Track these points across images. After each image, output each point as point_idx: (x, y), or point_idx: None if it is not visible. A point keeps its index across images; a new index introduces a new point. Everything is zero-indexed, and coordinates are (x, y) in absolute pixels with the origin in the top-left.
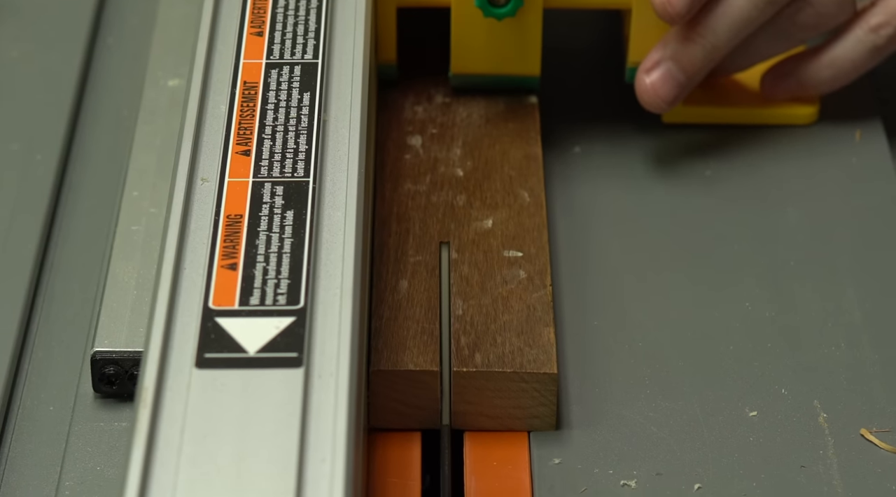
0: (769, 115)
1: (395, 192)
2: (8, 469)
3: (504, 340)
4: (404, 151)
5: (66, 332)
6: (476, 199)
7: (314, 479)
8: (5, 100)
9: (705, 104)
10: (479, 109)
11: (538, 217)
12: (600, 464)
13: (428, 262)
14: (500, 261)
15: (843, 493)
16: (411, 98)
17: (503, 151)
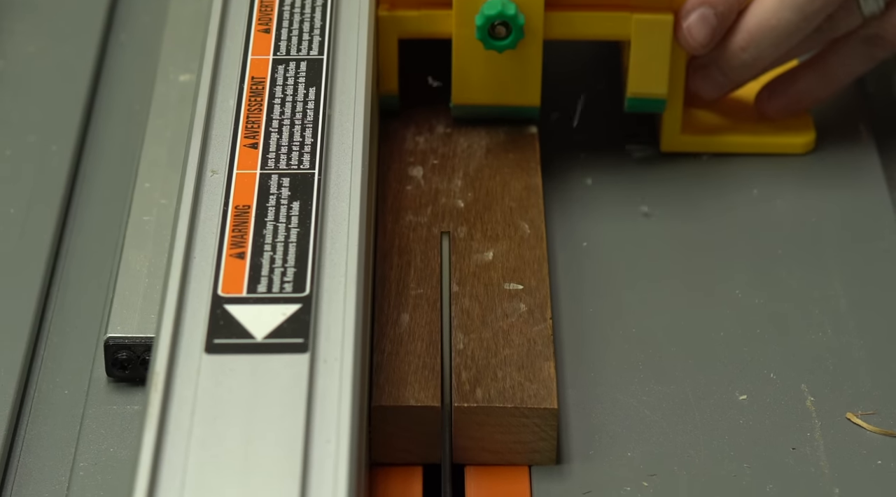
0: (766, 144)
1: (397, 223)
2: (24, 450)
3: (505, 375)
4: (406, 183)
5: (80, 318)
6: (477, 230)
7: (320, 459)
8: (22, 93)
9: (703, 133)
10: (480, 140)
11: (538, 249)
12: None
13: (429, 296)
14: (501, 293)
15: (830, 473)
16: (412, 129)
17: (504, 182)
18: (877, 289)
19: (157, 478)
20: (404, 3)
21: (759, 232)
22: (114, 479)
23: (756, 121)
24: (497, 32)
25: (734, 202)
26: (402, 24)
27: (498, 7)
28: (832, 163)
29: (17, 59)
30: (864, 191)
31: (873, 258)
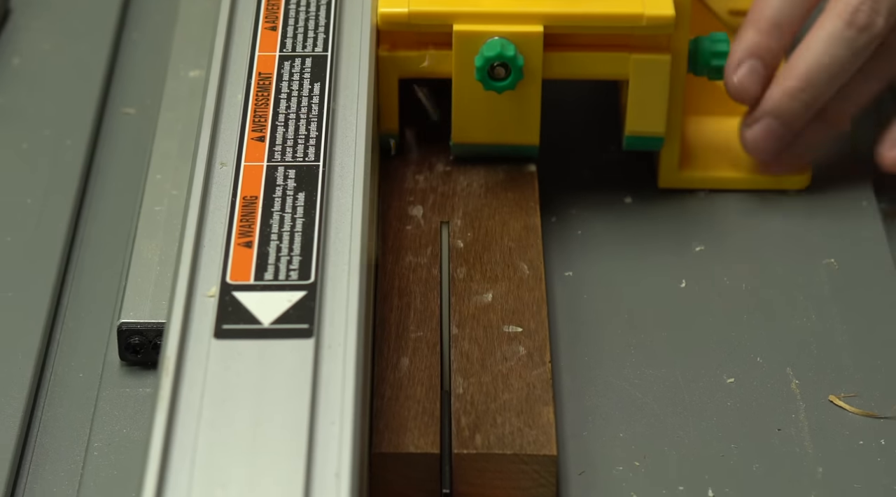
0: (763, 180)
1: (397, 264)
2: (41, 431)
3: (504, 421)
4: (406, 222)
5: (94, 304)
6: (476, 271)
7: (324, 439)
8: (38, 89)
9: (700, 170)
10: (479, 178)
11: (537, 291)
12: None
13: (429, 339)
14: (500, 336)
15: (814, 453)
16: (412, 167)
17: (503, 222)
18: (859, 276)
19: (168, 457)
20: (404, 43)
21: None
22: (127, 459)
23: (755, 159)
24: (496, 73)
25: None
26: (403, 65)
27: (497, 48)
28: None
29: (33, 56)
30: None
31: (857, 247)
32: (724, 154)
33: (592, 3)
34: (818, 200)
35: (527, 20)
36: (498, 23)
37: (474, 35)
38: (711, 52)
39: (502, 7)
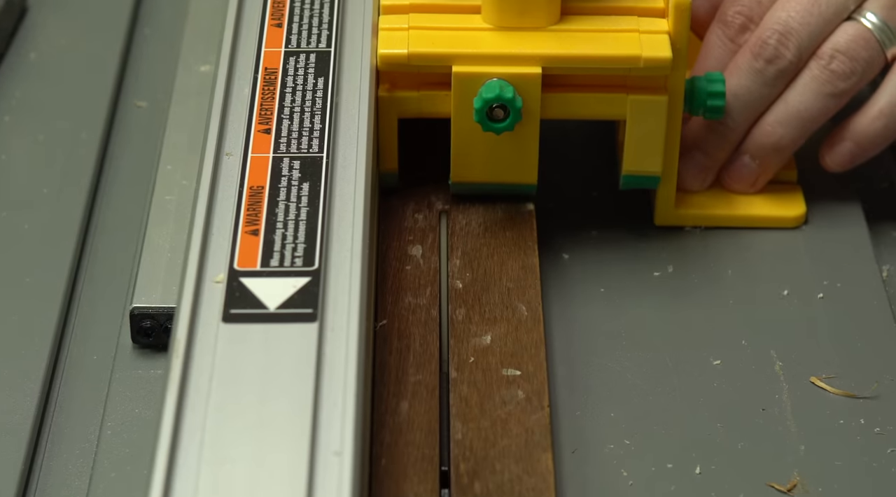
0: (758, 218)
1: (396, 305)
2: (57, 411)
3: (503, 467)
4: (405, 262)
5: (107, 289)
6: (475, 312)
7: (328, 420)
8: (54, 83)
9: (696, 208)
10: (478, 216)
11: (535, 332)
12: None
13: (428, 382)
14: (499, 380)
15: (797, 431)
16: (412, 205)
17: (501, 262)
18: (842, 265)
19: (178, 436)
20: (404, 84)
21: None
22: (139, 437)
23: (748, 195)
24: (495, 115)
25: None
26: (402, 105)
27: (496, 90)
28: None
29: (50, 51)
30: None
31: (840, 237)
32: (719, 192)
33: (590, 45)
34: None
35: (525, 62)
36: (496, 64)
37: (473, 76)
38: (708, 92)
39: (501, 49)
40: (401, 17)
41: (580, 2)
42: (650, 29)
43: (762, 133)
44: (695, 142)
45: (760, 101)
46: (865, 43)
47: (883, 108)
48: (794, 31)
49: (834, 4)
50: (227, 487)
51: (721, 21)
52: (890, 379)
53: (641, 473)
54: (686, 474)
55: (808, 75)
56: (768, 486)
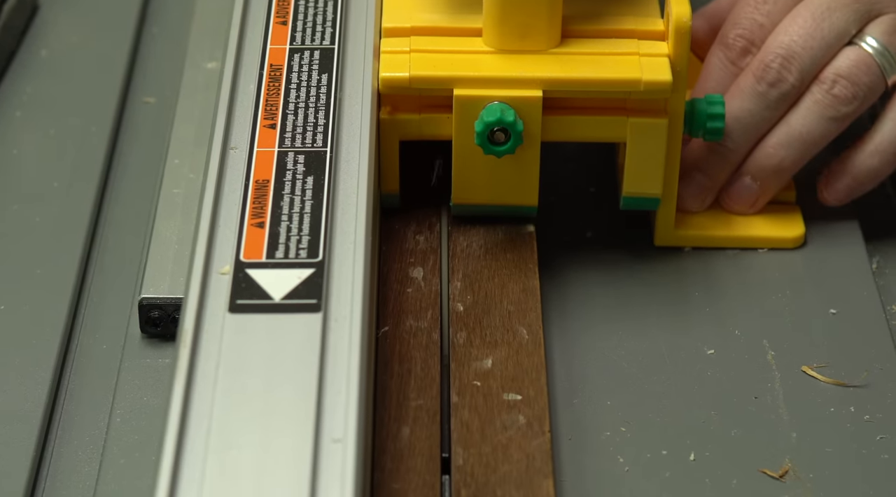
0: (757, 239)
1: (398, 328)
2: (67, 399)
3: (504, 494)
4: (406, 285)
5: (117, 280)
6: (476, 336)
7: (332, 406)
8: (65, 79)
9: (696, 229)
10: (479, 238)
11: (536, 356)
12: None
13: (429, 407)
14: (500, 404)
15: (788, 419)
16: (413, 226)
17: (502, 284)
18: (829, 256)
19: (186, 423)
20: (405, 106)
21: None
22: (147, 425)
23: (747, 216)
24: (496, 138)
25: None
26: (404, 127)
27: (497, 114)
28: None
29: (61, 48)
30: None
31: (826, 229)
32: (718, 213)
33: (591, 68)
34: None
35: (526, 85)
36: (498, 87)
37: (474, 99)
38: (707, 114)
39: (502, 72)
40: (402, 41)
41: (580, 25)
42: (650, 52)
43: (764, 155)
44: (695, 163)
45: (762, 123)
46: (867, 68)
47: (879, 145)
48: (796, 55)
49: (836, 29)
50: (234, 472)
51: (722, 44)
52: (879, 368)
53: (637, 460)
54: (681, 461)
55: (810, 99)
56: (761, 472)
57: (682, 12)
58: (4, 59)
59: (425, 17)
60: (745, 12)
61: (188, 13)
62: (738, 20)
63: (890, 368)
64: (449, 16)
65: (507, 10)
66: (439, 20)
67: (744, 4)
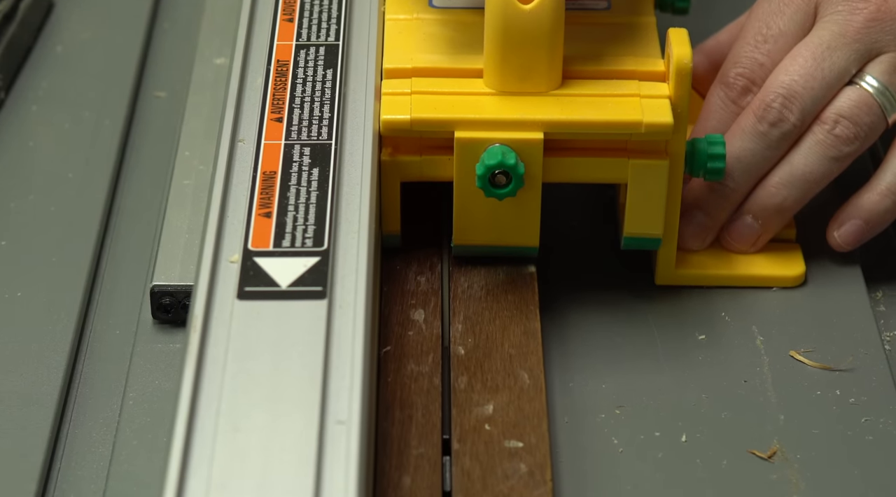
0: (758, 278)
1: (399, 373)
2: (82, 383)
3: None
4: (408, 327)
5: (129, 268)
6: (477, 380)
7: (336, 390)
8: (78, 74)
9: (696, 268)
10: (480, 279)
11: (538, 402)
12: None
13: (430, 455)
14: (501, 452)
15: (777, 402)
16: (414, 267)
17: (503, 327)
18: (817, 250)
19: (196, 406)
20: (406, 148)
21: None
22: (159, 407)
23: (748, 254)
24: (497, 181)
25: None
26: (405, 169)
27: (498, 157)
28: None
29: (74, 44)
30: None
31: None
32: (718, 252)
33: (592, 110)
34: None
35: (527, 127)
36: (498, 130)
37: (475, 142)
38: (708, 154)
39: (503, 114)
40: (403, 82)
41: (581, 66)
42: (651, 93)
43: (766, 194)
44: (695, 202)
45: (763, 163)
46: (868, 108)
47: (890, 185)
48: (797, 94)
49: (837, 69)
50: (242, 453)
51: (723, 82)
52: (864, 353)
53: (631, 441)
54: (673, 442)
55: (812, 139)
56: (750, 453)
57: (683, 54)
58: (21, 55)
59: (426, 58)
60: (746, 51)
61: (198, 10)
62: (738, 59)
63: (874, 353)
64: (450, 56)
65: (507, 53)
66: (440, 61)
67: (744, 43)
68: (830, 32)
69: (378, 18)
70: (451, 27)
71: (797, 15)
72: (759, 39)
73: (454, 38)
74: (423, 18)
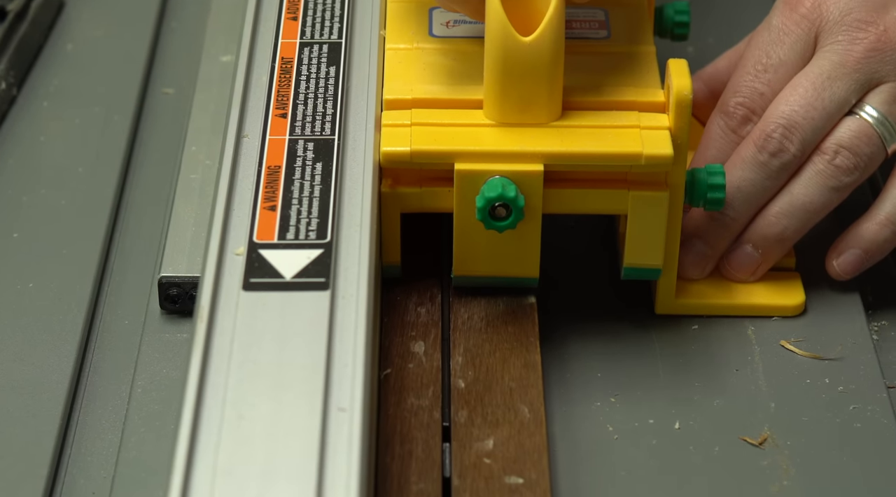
0: (758, 307)
1: (399, 407)
2: (92, 371)
3: None
4: (408, 360)
5: (138, 260)
6: (477, 414)
7: (339, 378)
8: (89, 71)
9: (696, 297)
10: (480, 310)
11: (538, 436)
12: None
13: (430, 492)
14: (502, 488)
15: (767, 390)
16: (414, 298)
17: (503, 359)
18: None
19: (203, 394)
20: (406, 179)
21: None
22: (167, 395)
23: (747, 283)
24: (497, 213)
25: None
26: (405, 200)
27: (498, 189)
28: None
29: (85, 42)
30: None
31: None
32: (718, 281)
33: (592, 142)
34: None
35: (527, 159)
36: (499, 162)
37: (475, 174)
38: (708, 184)
39: (503, 146)
40: (403, 113)
41: (581, 96)
42: (651, 125)
43: (766, 224)
44: (695, 231)
45: (763, 193)
46: (868, 139)
47: (890, 215)
48: (797, 125)
49: (837, 99)
50: (247, 439)
51: (723, 112)
52: (852, 342)
53: (625, 428)
54: (666, 429)
55: (812, 169)
56: (741, 439)
57: (683, 85)
58: (32, 53)
59: (426, 89)
60: (746, 80)
61: (205, 9)
62: (738, 88)
63: (862, 342)
64: (450, 87)
65: (507, 85)
66: (440, 92)
67: (744, 72)
68: (830, 62)
69: (380, 15)
70: (451, 57)
71: (797, 44)
72: (759, 69)
73: (454, 68)
74: (423, 48)
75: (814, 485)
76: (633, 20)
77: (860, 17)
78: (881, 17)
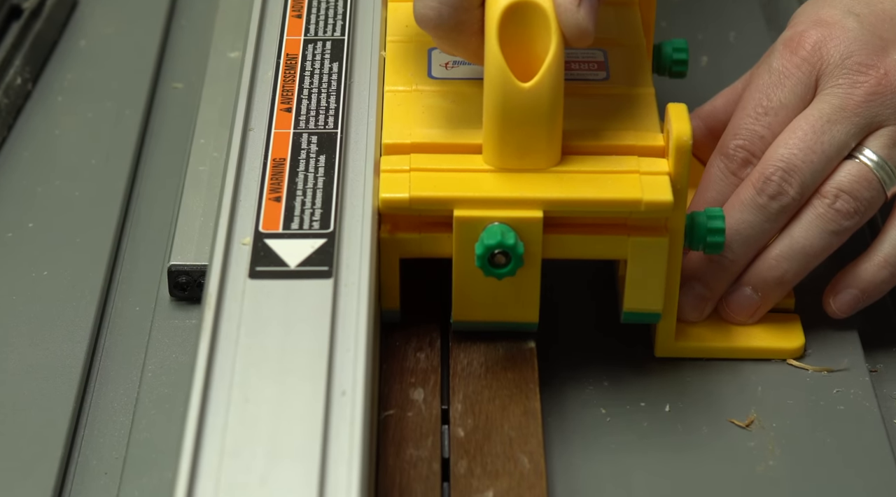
0: (757, 350)
1: (398, 457)
2: (104, 356)
3: None
4: (407, 408)
5: (148, 249)
6: (477, 465)
7: (341, 363)
8: (101, 67)
9: (696, 340)
10: (479, 355)
11: (538, 488)
12: None
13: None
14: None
15: (754, 374)
16: (413, 343)
17: (503, 406)
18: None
19: (210, 378)
20: (405, 225)
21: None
22: (176, 380)
23: (747, 326)
24: (497, 261)
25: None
26: (404, 246)
27: (497, 237)
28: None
29: (97, 39)
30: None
31: None
32: (718, 324)
33: (591, 188)
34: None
35: (527, 205)
36: (498, 208)
37: (474, 220)
38: (707, 228)
39: (502, 192)
40: (402, 159)
41: (581, 141)
42: (651, 170)
43: (766, 267)
44: (694, 273)
45: (762, 235)
46: (868, 183)
47: (888, 257)
48: (797, 168)
49: (836, 143)
50: (253, 421)
51: (722, 154)
52: (837, 328)
53: (618, 410)
54: (657, 411)
55: (812, 213)
56: (729, 421)
57: (683, 130)
58: (47, 49)
59: (425, 133)
60: (745, 123)
61: (213, 7)
62: (738, 130)
63: (845, 329)
64: (448, 131)
65: (506, 131)
66: (439, 136)
67: (744, 114)
68: (831, 106)
69: (382, 12)
70: (450, 99)
71: (798, 87)
72: (759, 111)
73: (453, 111)
74: (422, 90)
75: (798, 465)
76: (631, 61)
77: (861, 61)
78: (882, 60)
